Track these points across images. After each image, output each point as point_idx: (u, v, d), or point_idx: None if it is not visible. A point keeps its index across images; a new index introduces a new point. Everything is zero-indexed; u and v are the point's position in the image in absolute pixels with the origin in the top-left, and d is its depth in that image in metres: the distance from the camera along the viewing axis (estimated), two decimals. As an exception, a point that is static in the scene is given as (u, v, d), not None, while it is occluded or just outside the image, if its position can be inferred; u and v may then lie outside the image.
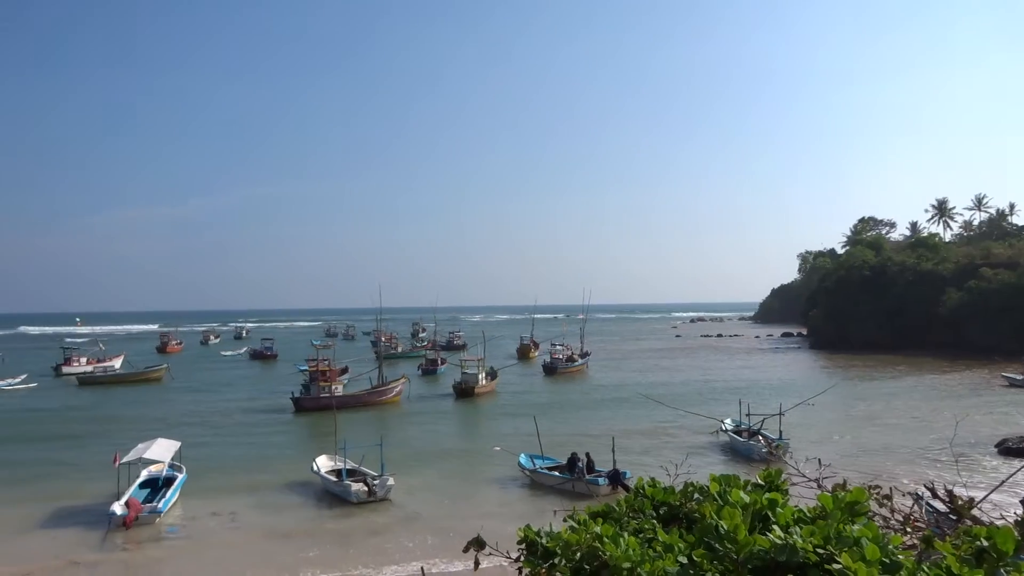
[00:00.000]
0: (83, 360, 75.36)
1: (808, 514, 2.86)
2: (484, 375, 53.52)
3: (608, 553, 2.97)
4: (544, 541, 4.15)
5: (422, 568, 7.45)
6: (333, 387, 46.93)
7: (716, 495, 3.39)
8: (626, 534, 3.17)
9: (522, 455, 29.64)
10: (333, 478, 26.46)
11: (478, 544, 4.57)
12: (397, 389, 49.56)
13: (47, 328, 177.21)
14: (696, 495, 3.90)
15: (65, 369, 72.58)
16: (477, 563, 4.58)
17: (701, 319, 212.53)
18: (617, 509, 4.02)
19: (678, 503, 3.94)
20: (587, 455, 27.60)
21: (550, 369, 68.06)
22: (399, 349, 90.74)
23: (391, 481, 25.57)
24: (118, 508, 22.51)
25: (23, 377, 65.96)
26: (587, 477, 26.53)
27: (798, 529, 2.63)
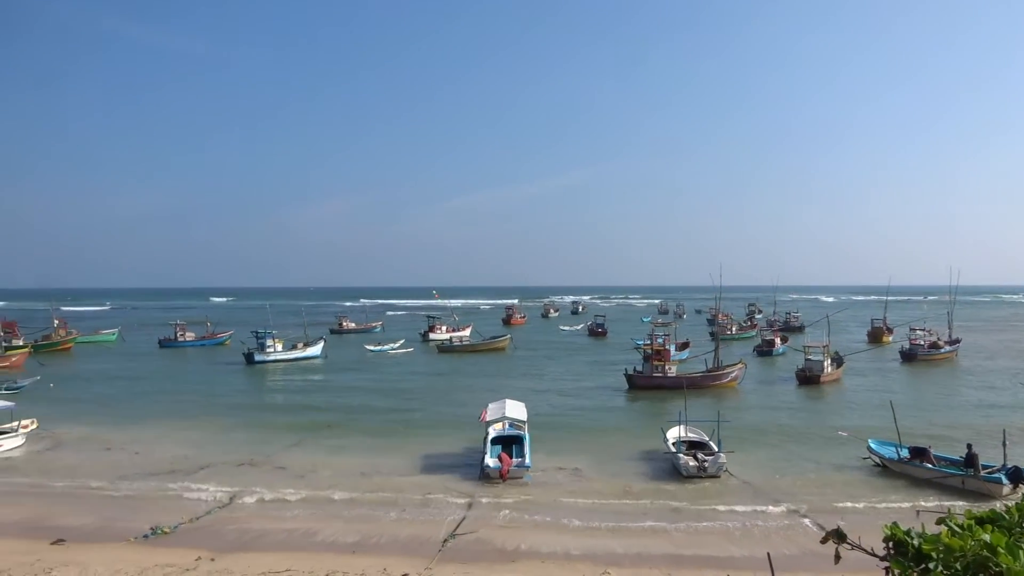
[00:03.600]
0: (443, 329, 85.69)
1: None
2: (829, 362, 49.90)
3: (1004, 566, 2.72)
4: (916, 543, 3.89)
5: (768, 554, 7.36)
6: (667, 367, 47.17)
7: None
8: (1024, 546, 2.86)
9: (871, 440, 27.53)
10: (673, 449, 26.90)
11: (838, 536, 4.41)
12: (734, 374, 48.28)
13: (411, 301, 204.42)
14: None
15: (431, 336, 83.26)
16: (838, 556, 4.43)
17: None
18: (1007, 517, 3.62)
19: (1090, 520, 3.44)
20: (968, 447, 24.56)
21: (909, 356, 61.37)
22: (733, 330, 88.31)
23: (723, 459, 25.53)
24: (491, 461, 25.39)
25: (401, 342, 78.13)
26: (982, 473, 23.43)
27: None
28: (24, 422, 31.99)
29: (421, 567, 16.59)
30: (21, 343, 68.16)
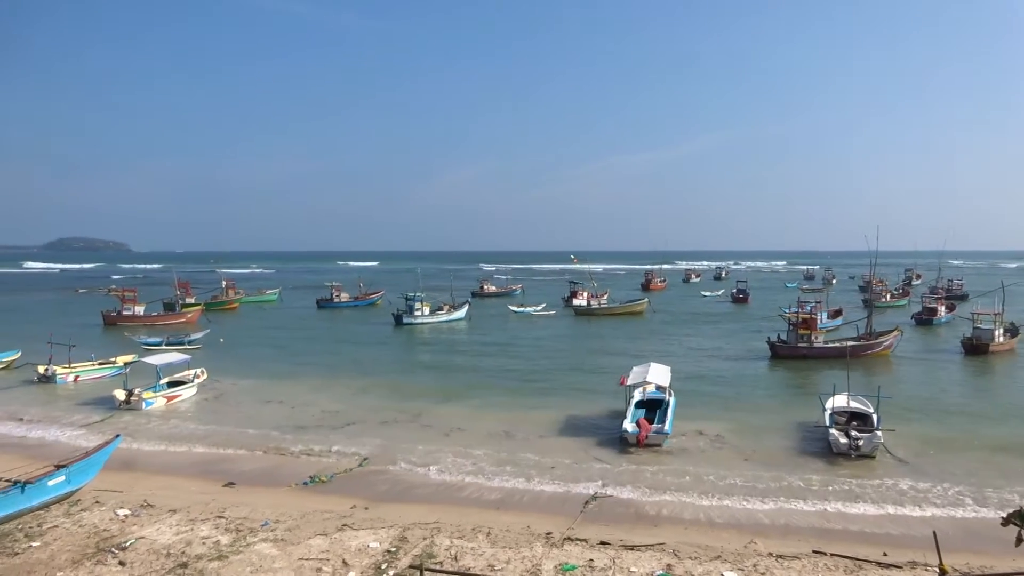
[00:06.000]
0: (584, 295, 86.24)
1: None
2: (1001, 331, 46.03)
3: None
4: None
5: (934, 532, 6.92)
6: (814, 337, 44.99)
7: None
8: None
9: None
10: (828, 422, 25.28)
11: (1021, 519, 4.14)
12: (887, 342, 45.39)
13: (544, 265, 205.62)
14: None
15: (575, 301, 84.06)
16: (1020, 539, 4.16)
17: None
18: None
19: None
20: None
21: None
22: (887, 298, 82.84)
23: (879, 438, 23.75)
24: (630, 427, 25.33)
25: (543, 305, 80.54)
26: None
27: None
28: (197, 371, 35.36)
29: (563, 526, 16.91)
30: (193, 301, 74.60)
